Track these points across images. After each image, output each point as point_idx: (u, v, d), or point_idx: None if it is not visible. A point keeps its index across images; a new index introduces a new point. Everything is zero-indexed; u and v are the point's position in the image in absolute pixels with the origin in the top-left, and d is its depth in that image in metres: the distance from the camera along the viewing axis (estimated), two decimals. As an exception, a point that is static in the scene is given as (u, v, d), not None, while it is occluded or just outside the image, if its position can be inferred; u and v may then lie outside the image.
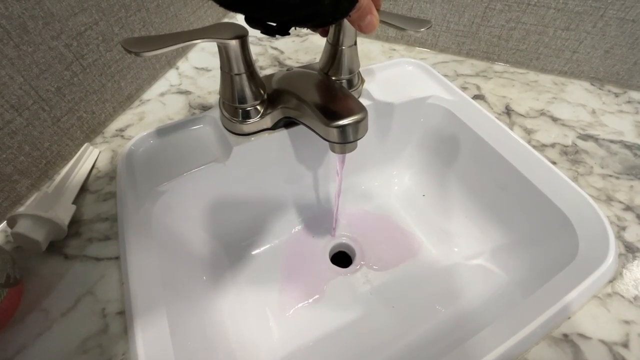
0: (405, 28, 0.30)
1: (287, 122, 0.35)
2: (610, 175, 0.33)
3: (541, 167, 0.33)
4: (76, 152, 0.33)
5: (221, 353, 0.29)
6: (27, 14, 0.26)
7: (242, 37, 0.28)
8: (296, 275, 0.40)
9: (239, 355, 0.31)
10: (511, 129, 0.37)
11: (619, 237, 0.29)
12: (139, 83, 0.39)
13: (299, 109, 0.30)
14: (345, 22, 0.31)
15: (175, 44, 0.25)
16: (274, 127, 0.35)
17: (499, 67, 0.45)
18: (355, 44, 0.34)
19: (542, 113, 0.39)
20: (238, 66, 0.29)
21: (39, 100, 0.29)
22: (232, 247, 0.39)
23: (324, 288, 0.40)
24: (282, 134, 0.36)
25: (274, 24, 0.24)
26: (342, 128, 0.26)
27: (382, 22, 0.31)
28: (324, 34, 0.33)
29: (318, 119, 0.27)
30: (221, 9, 0.52)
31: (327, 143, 0.29)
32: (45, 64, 0.28)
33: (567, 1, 0.37)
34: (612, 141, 0.36)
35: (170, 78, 0.42)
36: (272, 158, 0.37)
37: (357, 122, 0.26)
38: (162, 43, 0.25)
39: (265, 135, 0.35)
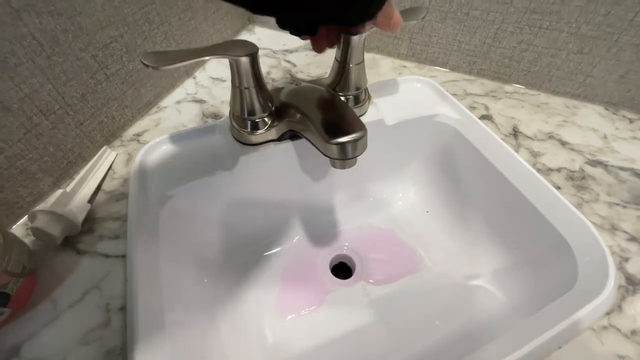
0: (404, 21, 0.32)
1: (293, 135, 0.36)
2: (617, 204, 0.32)
3: (545, 191, 0.33)
4: (95, 154, 0.35)
5: (215, 354, 0.30)
6: (59, 28, 0.29)
7: (252, 55, 0.29)
8: (295, 284, 0.41)
9: (232, 357, 0.32)
10: (517, 151, 0.37)
11: (621, 269, 0.28)
12: (158, 91, 0.41)
13: (303, 124, 0.31)
14: (354, 40, 0.33)
15: (190, 59, 0.27)
16: (280, 139, 0.36)
17: (509, 87, 0.45)
18: (363, 61, 0.35)
19: (551, 136, 0.39)
20: (248, 81, 0.31)
21: (65, 106, 0.31)
22: (235, 253, 0.40)
23: (322, 298, 0.40)
24: (288, 145, 0.37)
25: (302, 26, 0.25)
26: (342, 145, 0.27)
27: None
28: (319, 50, 0.33)
29: (319, 134, 0.28)
30: (239, 22, 0.54)
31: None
32: (73, 73, 0.31)
33: (580, 25, 0.37)
34: (622, 168, 0.35)
35: (187, 87, 0.45)
36: (277, 168, 0.38)
37: (356, 140, 0.27)
38: (178, 58, 0.26)
39: (272, 146, 0.36)
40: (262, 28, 0.56)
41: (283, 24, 0.26)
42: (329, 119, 0.29)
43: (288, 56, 0.50)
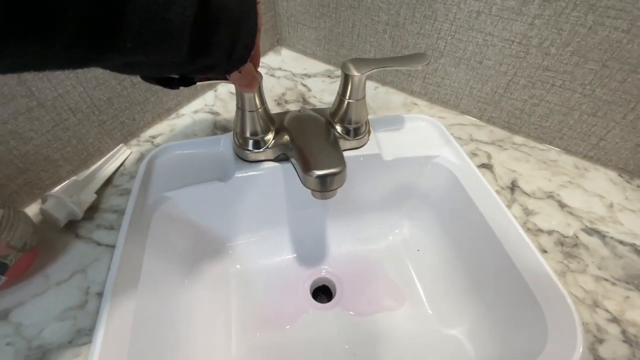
0: (404, 66, 0.34)
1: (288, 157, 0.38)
2: (606, 280, 0.31)
3: (527, 253, 0.32)
4: (113, 150, 0.39)
5: (177, 355, 0.32)
6: (97, 40, 0.33)
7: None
8: (273, 300, 0.42)
9: None
10: (510, 206, 0.36)
11: (592, 350, 0.27)
12: (179, 99, 0.46)
13: (291, 150, 0.33)
14: (355, 79, 0.34)
15: (200, 81, 0.30)
16: (276, 159, 0.38)
17: (519, 139, 0.44)
18: (364, 98, 0.37)
19: (550, 196, 0.37)
20: (250, 104, 0.34)
21: (92, 106, 0.36)
22: (218, 260, 0.42)
23: (296, 319, 0.41)
24: (284, 166, 0.39)
25: (176, 76, 0.24)
26: (318, 177, 0.28)
27: (382, 67, 0.33)
28: (249, 90, 0.30)
29: (301, 164, 0.30)
30: (267, 44, 0.58)
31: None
32: (103, 79, 0.35)
33: (594, 88, 0.36)
34: (621, 242, 0.33)
35: (207, 98, 0.49)
36: (271, 186, 0.40)
37: (333, 174, 0.28)
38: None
39: (268, 164, 0.38)
40: (288, 50, 0.59)
41: (146, 78, 0.24)
42: (312, 150, 0.31)
43: (305, 80, 0.53)
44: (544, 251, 0.33)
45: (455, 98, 0.46)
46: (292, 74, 0.54)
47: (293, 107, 0.48)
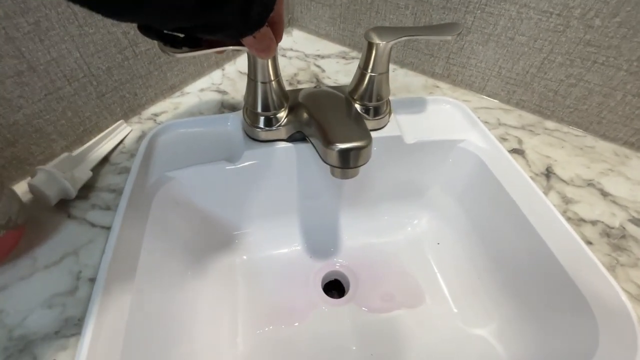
0: (433, 36, 0.30)
1: (303, 137, 0.35)
2: (662, 275, 0.27)
3: (571, 244, 0.29)
4: (111, 126, 0.36)
5: (179, 351, 0.29)
6: (96, 1, 0.30)
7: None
8: (282, 294, 0.39)
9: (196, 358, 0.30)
10: (546, 193, 0.33)
11: (654, 353, 0.23)
12: (184, 76, 0.42)
13: (309, 125, 0.30)
14: (379, 48, 0.31)
15: (207, 48, 0.26)
16: (289, 140, 0.35)
17: (551, 124, 0.41)
18: (387, 72, 0.33)
19: (590, 184, 0.34)
20: (264, 75, 0.30)
21: (89, 75, 0.33)
22: (223, 249, 0.39)
23: (307, 314, 0.38)
24: (298, 147, 0.35)
25: (180, 35, 0.21)
26: (341, 151, 0.25)
27: (409, 36, 0.30)
28: (265, 55, 0.25)
29: (321, 138, 0.26)
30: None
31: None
32: (102, 45, 0.32)
33: (642, 65, 0.33)
34: (674, 235, 0.30)
35: (214, 77, 0.45)
36: (283, 169, 0.37)
37: (358, 149, 0.25)
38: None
39: (280, 145, 0.35)
40: (300, 32, 0.56)
41: (148, 32, 0.21)
42: (334, 123, 0.27)
43: (319, 61, 0.49)
44: (588, 242, 0.29)
45: (482, 80, 0.43)
46: (304, 55, 0.51)
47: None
